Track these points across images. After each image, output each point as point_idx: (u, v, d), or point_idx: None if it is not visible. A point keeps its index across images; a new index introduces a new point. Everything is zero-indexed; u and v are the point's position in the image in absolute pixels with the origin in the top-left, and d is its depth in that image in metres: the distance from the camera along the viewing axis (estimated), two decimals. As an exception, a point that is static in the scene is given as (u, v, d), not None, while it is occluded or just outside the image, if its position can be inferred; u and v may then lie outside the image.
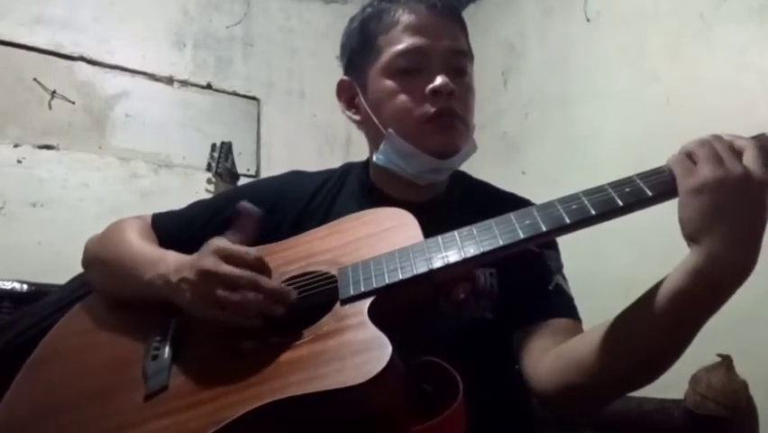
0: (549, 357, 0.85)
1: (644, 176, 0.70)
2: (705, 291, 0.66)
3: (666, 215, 0.72)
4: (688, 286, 0.66)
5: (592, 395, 0.81)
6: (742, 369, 1.59)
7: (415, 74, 0.95)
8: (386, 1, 0.99)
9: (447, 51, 0.96)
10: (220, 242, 0.82)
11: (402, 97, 0.95)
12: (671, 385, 0.79)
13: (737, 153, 0.66)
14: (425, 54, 0.95)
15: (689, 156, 0.68)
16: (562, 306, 0.94)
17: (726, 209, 0.64)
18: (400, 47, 0.95)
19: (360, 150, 1.10)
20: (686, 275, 0.66)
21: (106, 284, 0.98)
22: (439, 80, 0.93)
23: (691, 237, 0.66)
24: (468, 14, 1.53)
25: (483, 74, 1.03)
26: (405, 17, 0.96)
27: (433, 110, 0.93)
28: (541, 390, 0.85)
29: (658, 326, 0.69)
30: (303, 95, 3.06)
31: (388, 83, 0.96)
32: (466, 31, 1.01)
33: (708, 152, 0.66)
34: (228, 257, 0.79)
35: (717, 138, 0.68)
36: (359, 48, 1.01)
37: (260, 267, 0.81)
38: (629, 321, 0.74)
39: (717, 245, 0.64)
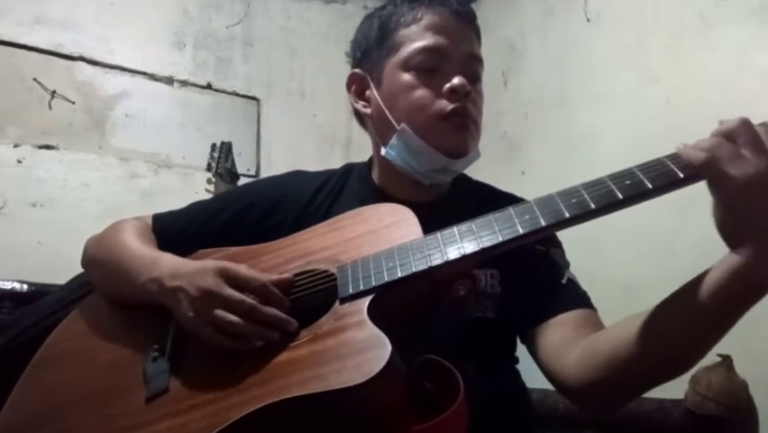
0: (577, 351, 0.83)
1: (644, 168, 0.69)
2: (746, 292, 0.64)
3: (665, 215, 0.72)
4: (729, 286, 0.64)
5: (623, 389, 0.80)
6: (742, 369, 1.60)
7: (432, 72, 0.95)
8: (408, 1, 1.00)
9: (465, 55, 0.97)
10: (225, 262, 0.81)
11: (419, 92, 0.95)
12: (671, 385, 0.79)
13: None
14: (445, 54, 0.96)
15: (728, 138, 0.62)
16: (578, 297, 0.93)
17: None
18: (422, 43, 0.96)
19: (360, 150, 1.10)
20: (729, 275, 0.64)
21: (104, 286, 0.98)
22: (457, 80, 0.94)
23: (736, 234, 0.63)
24: (468, 14, 1.53)
25: (483, 74, 1.03)
26: (429, 16, 0.97)
27: (449, 108, 0.94)
28: (571, 385, 0.83)
29: (695, 321, 0.68)
30: (303, 95, 3.06)
31: (406, 77, 0.96)
32: (480, 38, 1.03)
33: (754, 138, 0.61)
34: (232, 280, 0.78)
35: (756, 125, 0.63)
36: (377, 41, 1.01)
37: (266, 294, 0.79)
38: (664, 315, 0.73)
39: (764, 246, 0.61)
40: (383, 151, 1.00)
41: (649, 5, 2.24)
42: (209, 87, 2.83)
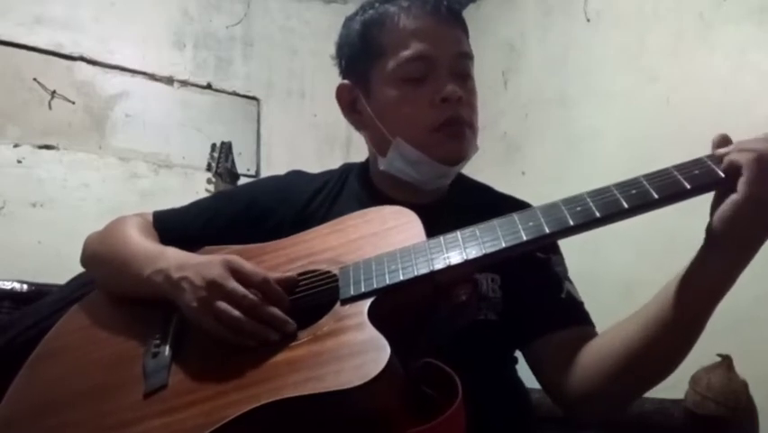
0: (569, 369, 0.86)
1: (650, 177, 0.69)
2: (714, 290, 0.71)
3: (665, 215, 0.72)
4: (702, 283, 0.71)
5: (615, 399, 0.85)
6: (742, 369, 1.59)
7: (420, 82, 0.94)
8: (388, 3, 0.97)
9: (452, 57, 0.95)
10: (231, 255, 0.82)
11: (410, 106, 0.94)
12: (671, 385, 0.79)
13: None
14: (431, 61, 0.94)
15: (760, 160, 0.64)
16: (576, 314, 0.94)
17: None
18: (406, 54, 0.94)
19: (360, 150, 1.10)
20: (702, 275, 0.70)
21: (106, 281, 0.98)
22: (447, 89, 0.92)
23: (725, 238, 0.67)
24: (468, 14, 1.53)
25: (483, 74, 1.02)
26: (409, 23, 0.95)
27: (442, 118, 0.93)
28: (565, 399, 0.88)
29: (670, 322, 0.74)
30: (303, 95, 3.06)
31: (395, 91, 0.95)
32: (467, 32, 1.01)
33: None
34: (236, 272, 0.79)
35: None
36: (360, 52, 0.99)
37: (267, 290, 0.79)
38: (642, 326, 0.78)
39: (745, 253, 0.68)
40: (381, 165, 1.00)
41: (649, 5, 2.24)
42: (209, 87, 2.84)
